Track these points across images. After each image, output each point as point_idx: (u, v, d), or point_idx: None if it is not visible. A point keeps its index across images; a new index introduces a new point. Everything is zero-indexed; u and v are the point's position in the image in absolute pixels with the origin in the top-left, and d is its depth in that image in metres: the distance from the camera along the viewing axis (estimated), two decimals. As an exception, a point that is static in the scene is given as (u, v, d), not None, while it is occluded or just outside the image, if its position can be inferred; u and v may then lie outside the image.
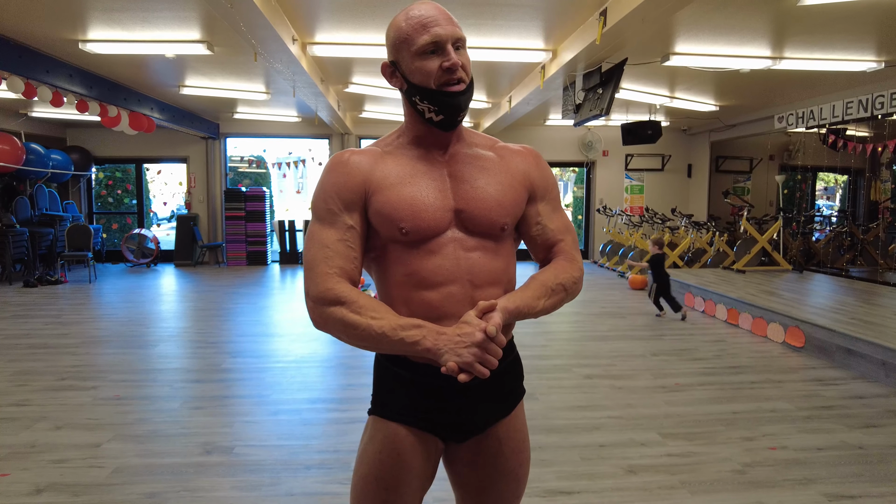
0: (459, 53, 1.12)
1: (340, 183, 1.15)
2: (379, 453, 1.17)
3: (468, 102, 1.15)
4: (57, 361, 4.23)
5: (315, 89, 6.33)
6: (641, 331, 5.34)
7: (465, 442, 1.22)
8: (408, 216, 1.12)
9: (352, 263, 1.13)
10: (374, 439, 1.19)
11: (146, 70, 6.37)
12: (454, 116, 1.14)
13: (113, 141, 9.93)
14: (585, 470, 2.59)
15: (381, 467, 1.16)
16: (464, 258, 1.14)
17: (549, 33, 5.03)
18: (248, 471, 2.57)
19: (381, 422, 1.19)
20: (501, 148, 1.26)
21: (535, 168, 1.25)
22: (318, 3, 4.29)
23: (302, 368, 4.11)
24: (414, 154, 1.19)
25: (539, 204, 1.25)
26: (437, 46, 1.10)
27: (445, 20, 1.11)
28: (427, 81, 1.11)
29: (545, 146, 10.68)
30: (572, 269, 1.22)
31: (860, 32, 4.87)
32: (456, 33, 1.11)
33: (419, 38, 1.10)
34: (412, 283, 1.14)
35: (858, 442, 2.88)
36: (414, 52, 1.11)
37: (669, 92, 7.47)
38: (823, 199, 13.99)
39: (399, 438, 1.16)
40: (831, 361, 4.27)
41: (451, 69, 1.10)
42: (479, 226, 1.16)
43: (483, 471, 1.23)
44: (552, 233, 1.25)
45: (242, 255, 10.27)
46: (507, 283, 1.21)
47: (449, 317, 1.12)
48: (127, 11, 4.44)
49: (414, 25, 1.11)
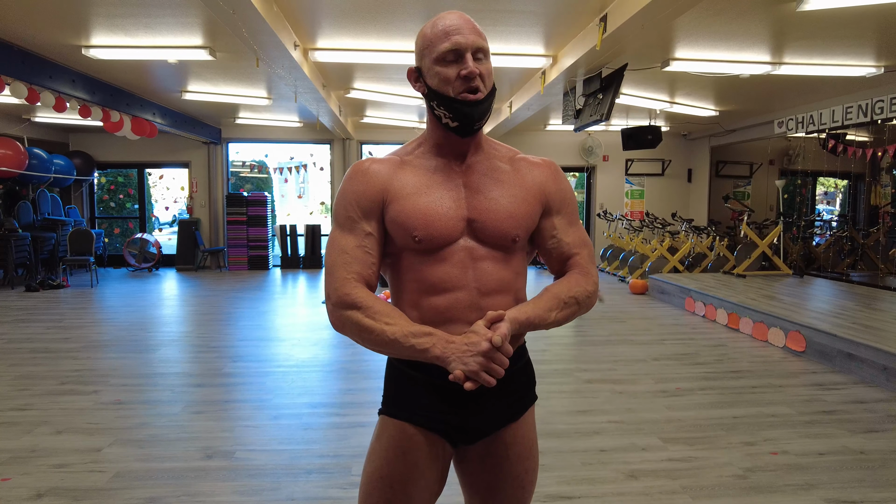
0: (480, 63, 1.15)
1: (360, 191, 1.19)
2: (385, 451, 1.19)
3: (486, 112, 1.16)
4: (58, 366, 4.23)
5: (317, 94, 6.35)
6: (642, 335, 5.34)
7: (473, 444, 1.24)
8: (421, 225, 1.15)
9: (369, 269, 1.18)
10: (382, 437, 1.21)
11: (148, 75, 6.40)
12: (469, 124, 1.16)
13: (115, 146, 9.96)
14: (586, 475, 2.59)
15: (386, 465, 1.18)
16: (472, 266, 1.17)
17: (550, 39, 5.05)
18: (249, 475, 2.57)
19: (389, 421, 1.22)
20: (520, 160, 1.27)
21: (552, 181, 1.26)
22: (320, 9, 4.32)
23: (303, 373, 4.11)
24: (432, 164, 1.21)
25: (555, 217, 1.26)
26: (456, 55, 1.13)
27: (469, 30, 1.14)
28: (445, 88, 1.14)
29: (546, 151, 10.67)
30: (586, 282, 1.23)
31: (859, 38, 4.89)
32: (476, 43, 1.14)
33: (440, 44, 1.13)
34: (422, 289, 1.18)
35: (860, 447, 2.88)
36: (434, 59, 1.14)
37: (669, 97, 7.49)
38: (824, 204, 13.99)
39: (405, 436, 1.19)
40: (832, 366, 4.27)
41: (467, 77, 1.12)
42: (491, 236, 1.18)
43: (490, 473, 1.25)
44: (567, 246, 1.27)
45: (244, 260, 10.28)
46: (516, 292, 1.23)
47: (456, 321, 1.16)
48: (130, 17, 4.47)
49: (437, 33, 1.14)
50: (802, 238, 9.02)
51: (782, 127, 7.28)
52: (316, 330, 5.53)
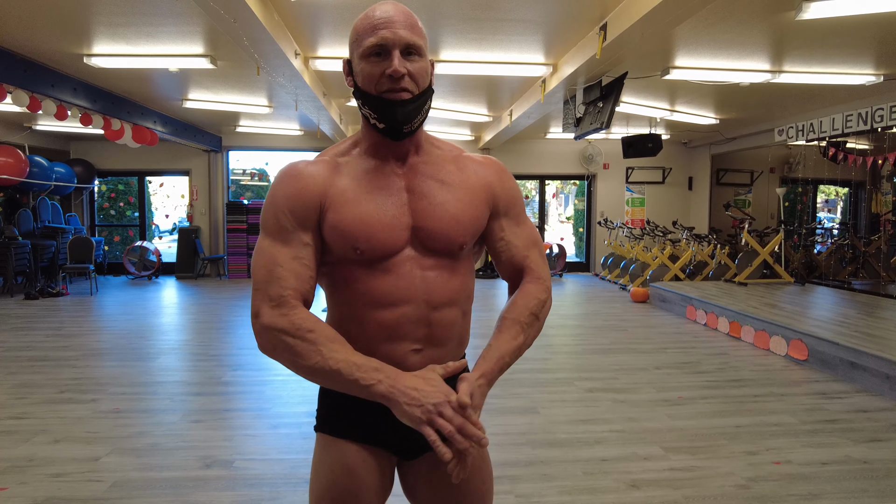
0: (411, 60, 1.04)
1: (293, 196, 1.07)
2: (331, 472, 1.13)
3: (416, 114, 1.07)
4: (57, 374, 4.21)
5: (317, 103, 6.37)
6: (643, 344, 5.32)
7: (417, 458, 1.18)
8: (363, 236, 1.06)
9: (307, 284, 1.07)
10: (324, 459, 1.15)
11: (150, 84, 6.42)
12: (397, 126, 1.06)
13: (116, 154, 9.99)
14: (588, 484, 2.57)
15: (335, 487, 1.12)
16: (420, 277, 1.09)
17: (550, 48, 5.07)
18: (248, 485, 2.55)
19: (329, 440, 1.15)
20: (465, 159, 1.19)
21: (497, 181, 1.19)
22: (321, 18, 4.34)
23: (302, 381, 4.09)
24: (370, 165, 1.12)
25: (503, 219, 1.20)
26: (382, 49, 1.03)
27: (401, 24, 1.04)
28: (369, 86, 1.05)
29: (546, 159, 10.72)
30: (538, 290, 1.17)
31: (859, 46, 4.90)
32: (406, 39, 1.03)
33: (366, 39, 1.04)
34: (365, 302, 1.09)
35: (863, 456, 2.86)
36: (360, 54, 1.05)
37: (670, 105, 7.51)
38: (825, 212, 13.99)
39: (350, 455, 1.13)
40: (835, 375, 4.25)
41: (392, 76, 1.03)
42: (437, 244, 1.11)
43: (443, 490, 1.17)
44: (517, 249, 1.20)
45: (244, 268, 10.27)
46: (465, 301, 1.17)
47: (403, 338, 1.09)
48: (132, 26, 4.49)
49: (365, 26, 1.05)
50: (804, 246, 9.01)
51: (783, 135, 7.30)
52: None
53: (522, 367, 4.47)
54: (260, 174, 12.94)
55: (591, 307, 7.35)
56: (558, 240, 11.01)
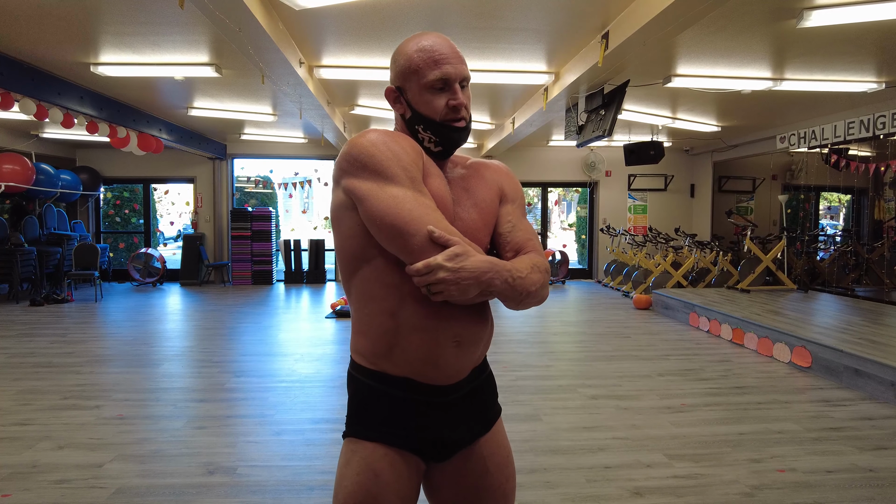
0: (464, 92, 1.19)
1: (412, 152, 1.14)
2: (357, 475, 1.13)
3: (467, 137, 1.23)
4: (61, 380, 4.23)
5: (321, 111, 6.41)
6: (646, 351, 5.31)
7: (447, 460, 1.20)
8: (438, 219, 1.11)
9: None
10: (351, 462, 1.15)
11: (155, 92, 6.48)
12: (452, 148, 1.22)
13: (121, 161, 10.05)
14: (591, 492, 2.56)
15: (360, 490, 1.12)
16: None
17: (552, 56, 5.10)
18: (251, 492, 2.56)
19: (357, 443, 1.16)
20: (477, 164, 1.31)
21: (506, 179, 1.31)
22: (325, 26, 4.38)
23: (305, 388, 4.10)
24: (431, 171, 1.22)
25: (510, 205, 1.29)
26: (445, 84, 1.16)
27: (456, 59, 1.17)
28: (432, 114, 1.18)
29: (548, 167, 10.75)
30: (538, 257, 1.23)
31: (860, 54, 4.92)
32: (463, 73, 1.18)
33: (430, 72, 1.16)
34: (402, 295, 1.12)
35: (869, 464, 2.84)
36: (423, 85, 1.17)
37: (671, 113, 7.53)
38: (827, 219, 13.96)
39: (377, 458, 1.13)
40: (839, 382, 4.23)
41: (456, 108, 1.17)
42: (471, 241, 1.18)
43: (469, 491, 1.22)
44: (522, 233, 1.26)
45: (248, 275, 10.30)
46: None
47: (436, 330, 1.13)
48: (138, 35, 4.54)
49: (426, 59, 1.16)
50: (806, 253, 8.99)
51: (784, 142, 7.30)
52: (319, 345, 5.52)
53: (525, 373, 4.47)
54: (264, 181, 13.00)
55: (594, 314, 7.34)
56: (561, 247, 11.00)
